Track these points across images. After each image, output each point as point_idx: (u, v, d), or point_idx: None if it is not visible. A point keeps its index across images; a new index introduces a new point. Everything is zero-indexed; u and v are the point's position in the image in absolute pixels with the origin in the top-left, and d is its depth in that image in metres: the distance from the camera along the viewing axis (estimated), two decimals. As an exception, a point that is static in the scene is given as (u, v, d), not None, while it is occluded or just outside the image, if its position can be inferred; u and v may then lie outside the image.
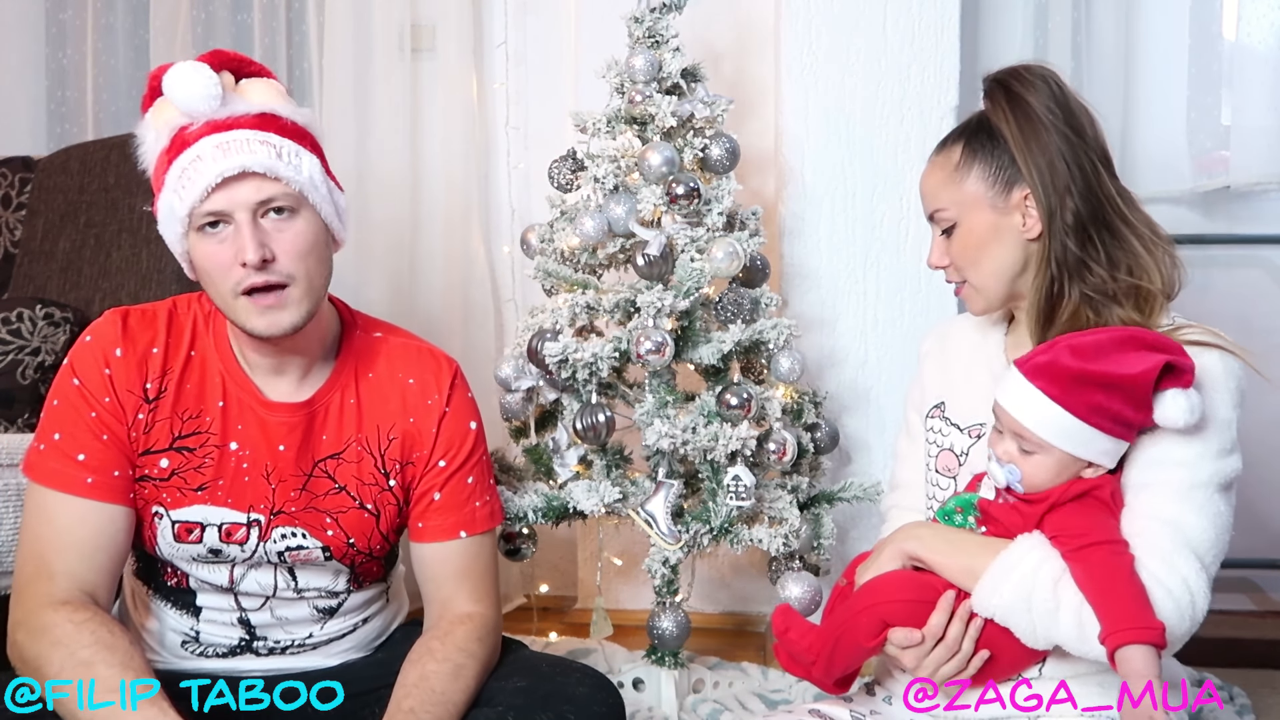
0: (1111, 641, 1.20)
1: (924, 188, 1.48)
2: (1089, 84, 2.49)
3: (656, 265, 1.88)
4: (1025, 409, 1.28)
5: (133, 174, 2.31)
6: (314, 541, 1.43)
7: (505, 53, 2.65)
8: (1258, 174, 2.42)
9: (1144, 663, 1.18)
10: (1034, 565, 1.26)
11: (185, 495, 1.38)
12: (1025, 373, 1.28)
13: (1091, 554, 1.24)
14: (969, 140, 1.44)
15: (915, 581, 1.33)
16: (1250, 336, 2.52)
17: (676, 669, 1.99)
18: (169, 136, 1.32)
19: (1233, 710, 1.93)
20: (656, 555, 1.90)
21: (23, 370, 2.14)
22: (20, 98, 2.89)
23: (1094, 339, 1.28)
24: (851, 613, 1.33)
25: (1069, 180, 1.37)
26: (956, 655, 1.30)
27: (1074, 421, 1.25)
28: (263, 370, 1.41)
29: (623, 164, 1.95)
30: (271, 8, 2.75)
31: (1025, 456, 1.29)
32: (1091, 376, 1.24)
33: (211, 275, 1.32)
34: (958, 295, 1.48)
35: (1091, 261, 1.37)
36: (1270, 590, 2.55)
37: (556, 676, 1.45)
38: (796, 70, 2.31)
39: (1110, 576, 1.22)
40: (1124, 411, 1.25)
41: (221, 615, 1.45)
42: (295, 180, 1.32)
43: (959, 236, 1.42)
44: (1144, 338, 1.27)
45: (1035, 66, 1.44)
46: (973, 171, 1.41)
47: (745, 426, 1.86)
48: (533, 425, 2.04)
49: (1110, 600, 1.21)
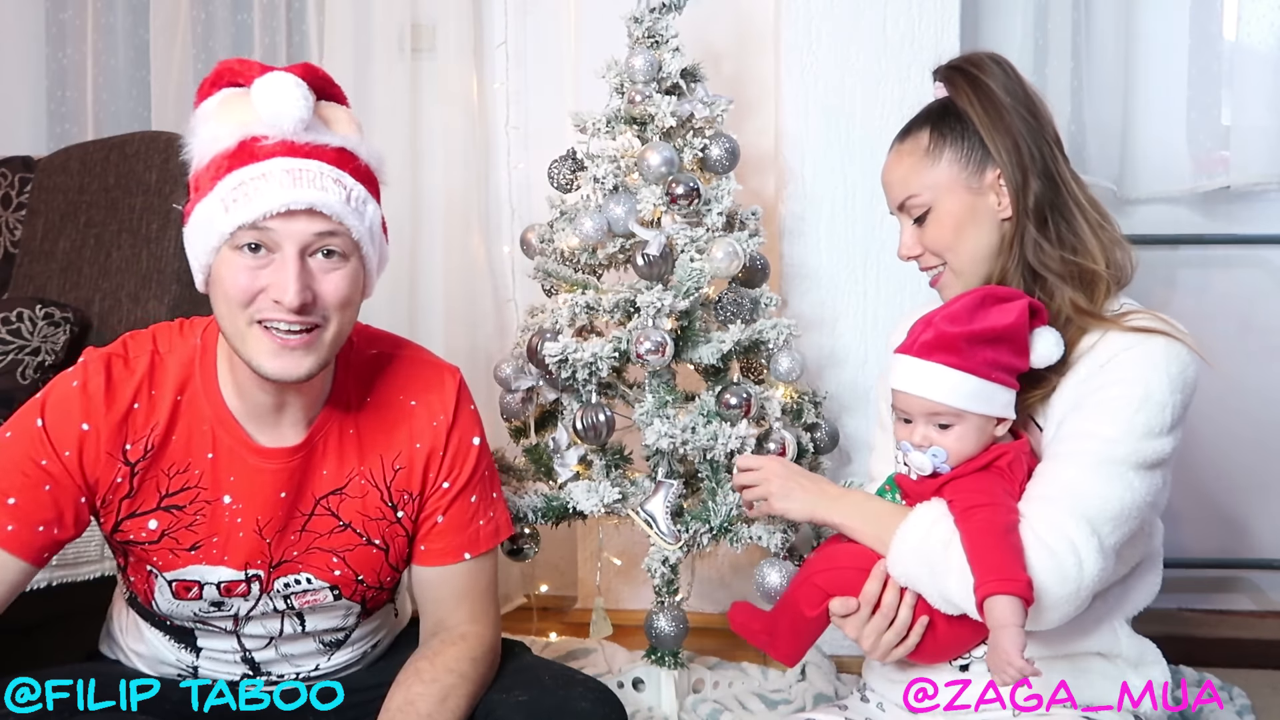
0: (980, 593, 1.22)
1: (891, 177, 1.49)
2: (1089, 84, 2.49)
3: (656, 265, 1.88)
4: (933, 386, 1.32)
5: (132, 174, 2.32)
6: (321, 583, 1.38)
7: (505, 53, 2.65)
8: (1258, 174, 2.42)
9: (1007, 612, 1.20)
10: (926, 529, 1.30)
11: (178, 556, 1.31)
12: (918, 354, 1.33)
13: (974, 514, 1.27)
14: (935, 125, 1.45)
15: (855, 551, 1.37)
16: (1250, 336, 2.55)
17: (676, 669, 1.99)
18: (237, 138, 1.20)
19: (1233, 710, 1.93)
20: (656, 555, 1.90)
21: (23, 370, 2.14)
22: (20, 98, 2.89)
23: (959, 305, 1.34)
24: (795, 584, 1.38)
25: (1030, 161, 1.41)
26: (895, 623, 1.32)
27: (978, 382, 1.30)
28: (259, 412, 1.31)
29: (622, 164, 1.95)
30: (271, 8, 2.75)
31: (944, 433, 1.33)
32: (978, 335, 1.30)
33: (232, 297, 1.20)
34: (934, 285, 1.49)
35: (1045, 242, 1.40)
36: (1270, 590, 2.55)
37: (559, 690, 1.40)
38: (796, 70, 2.31)
39: (986, 533, 1.25)
40: (1012, 360, 1.32)
41: (224, 655, 1.41)
42: (357, 229, 1.23)
43: (934, 221, 1.44)
44: (996, 293, 1.35)
45: (988, 53, 1.48)
46: (944, 155, 1.43)
47: (745, 426, 1.86)
48: (533, 425, 2.04)
49: (982, 556, 1.24)
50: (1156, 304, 2.72)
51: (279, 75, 1.20)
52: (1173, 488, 1.40)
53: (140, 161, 2.31)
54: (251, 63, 1.24)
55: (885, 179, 1.51)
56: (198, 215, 1.22)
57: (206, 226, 1.20)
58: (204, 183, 1.21)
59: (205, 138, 1.22)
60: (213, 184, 1.20)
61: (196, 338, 1.33)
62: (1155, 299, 2.60)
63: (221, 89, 1.25)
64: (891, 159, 1.49)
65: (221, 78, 1.25)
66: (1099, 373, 1.33)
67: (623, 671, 2.00)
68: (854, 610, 1.32)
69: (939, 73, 1.50)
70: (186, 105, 2.75)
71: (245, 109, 1.21)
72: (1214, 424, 2.47)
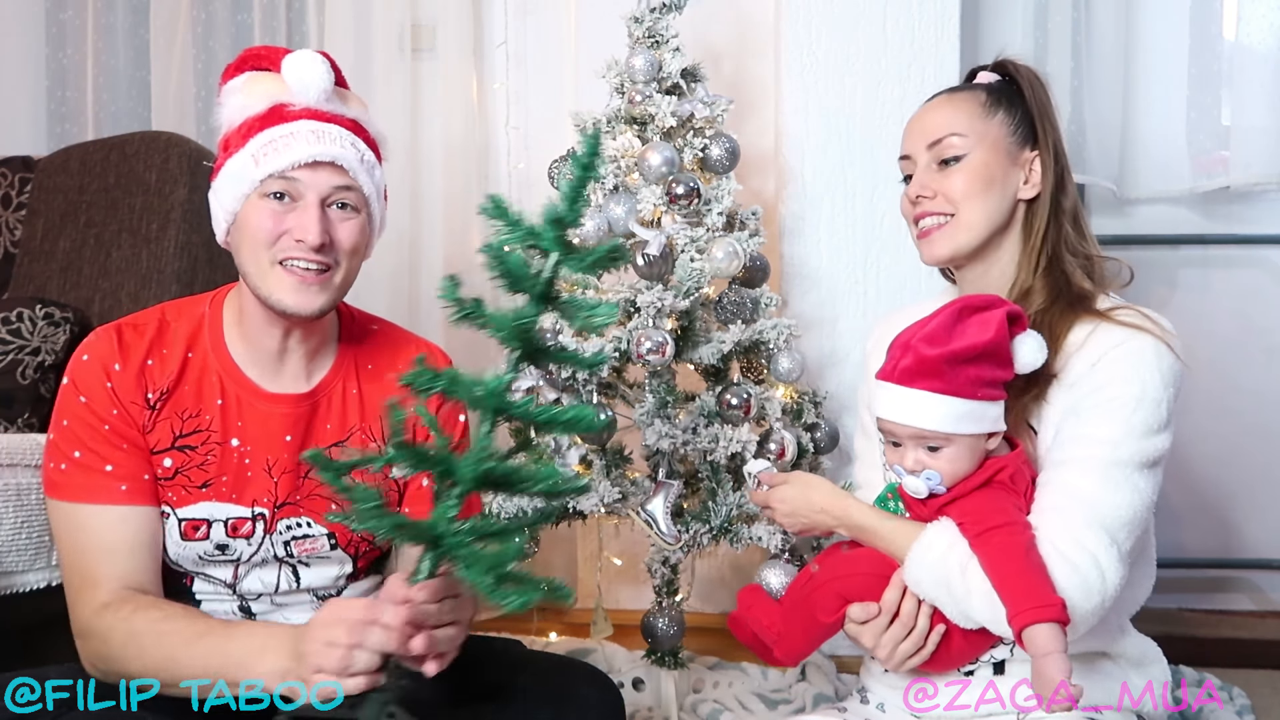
0: (1016, 624, 1.21)
1: (935, 116, 1.46)
2: (1089, 84, 2.49)
3: (656, 265, 1.88)
4: (919, 413, 1.29)
5: (132, 174, 2.32)
6: (320, 529, 1.45)
7: (505, 53, 2.65)
8: (1257, 174, 2.42)
9: (1049, 640, 1.19)
10: (942, 552, 1.28)
11: (190, 493, 1.41)
12: (900, 380, 1.30)
13: (991, 538, 1.26)
14: (991, 89, 1.47)
15: (874, 557, 1.35)
16: (1250, 336, 2.55)
17: (676, 669, 1.99)
18: (266, 105, 1.37)
19: (1233, 710, 1.93)
20: (656, 555, 1.90)
21: (22, 370, 2.14)
22: (20, 98, 2.89)
23: (935, 324, 1.30)
24: (812, 588, 1.36)
25: (1067, 164, 1.45)
26: (913, 632, 1.31)
27: (964, 403, 1.28)
28: (263, 361, 1.44)
29: (623, 164, 1.95)
30: (271, 8, 2.75)
31: (935, 455, 1.30)
32: (959, 355, 1.27)
33: (258, 239, 1.36)
34: (925, 236, 1.46)
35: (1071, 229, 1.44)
36: (1270, 590, 2.55)
37: (558, 675, 1.46)
38: (796, 70, 2.31)
39: (1008, 558, 1.24)
40: (997, 373, 1.29)
41: (221, 607, 1.46)
42: (368, 187, 1.41)
43: (966, 169, 1.42)
44: (973, 303, 1.32)
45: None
46: (999, 115, 1.45)
47: (745, 427, 1.86)
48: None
49: (1010, 582, 1.23)
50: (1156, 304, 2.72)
51: (306, 51, 1.39)
52: (1172, 488, 1.40)
53: (140, 161, 2.31)
54: (278, 48, 1.43)
55: (921, 119, 1.48)
56: (228, 169, 1.38)
57: (237, 177, 1.37)
58: (234, 142, 1.38)
59: (234, 106, 1.39)
60: (244, 141, 1.37)
61: (204, 305, 1.47)
62: (1155, 299, 2.60)
63: (245, 72, 1.42)
64: (938, 102, 1.48)
65: (246, 62, 1.42)
66: (1090, 373, 1.32)
67: (623, 671, 2.00)
68: (873, 616, 1.31)
69: (996, 64, 1.51)
70: (187, 105, 2.77)
71: (272, 83, 1.39)
72: (1214, 424, 2.47)
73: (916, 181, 1.45)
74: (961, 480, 1.31)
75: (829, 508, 1.41)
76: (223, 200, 1.40)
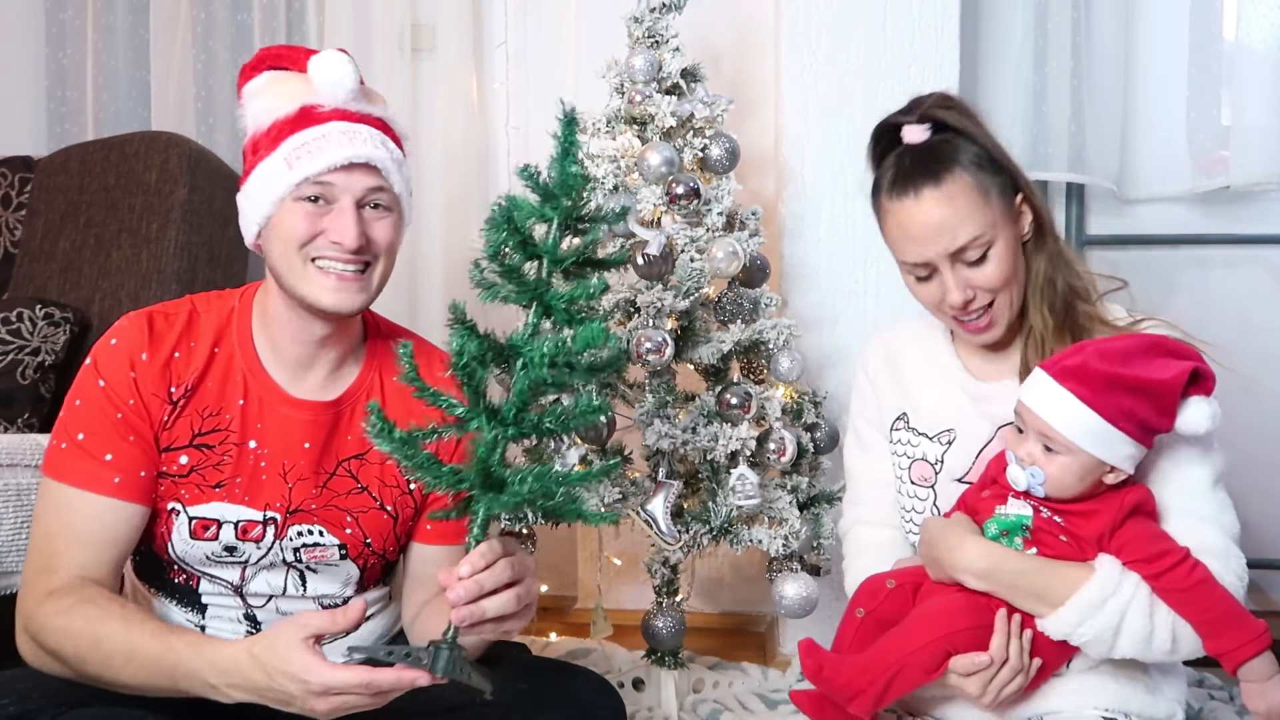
0: (1232, 661, 1.27)
1: (940, 223, 1.37)
2: (1089, 84, 2.49)
3: (656, 265, 1.88)
4: (1054, 411, 1.28)
5: (132, 174, 2.32)
6: (332, 539, 1.44)
7: (505, 53, 2.65)
8: (1258, 174, 2.42)
9: (1268, 666, 1.26)
10: (1126, 598, 1.28)
11: (204, 492, 1.40)
12: (1054, 375, 1.29)
13: (1172, 577, 1.28)
14: (963, 162, 1.39)
15: (970, 606, 1.33)
16: (1250, 336, 2.55)
17: (676, 669, 1.99)
18: (295, 106, 1.36)
19: (1232, 710, 1.93)
20: (656, 555, 1.90)
21: (22, 370, 2.14)
22: (20, 98, 2.89)
23: (1122, 344, 1.29)
24: (911, 648, 1.31)
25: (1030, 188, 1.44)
26: (1020, 674, 1.31)
27: (1103, 424, 1.26)
28: (290, 365, 1.43)
29: (623, 164, 1.95)
30: (271, 8, 2.75)
31: (1050, 458, 1.30)
32: (1122, 380, 1.25)
33: (292, 241, 1.35)
34: (980, 329, 1.42)
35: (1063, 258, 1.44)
36: (1270, 590, 2.55)
37: (559, 680, 1.45)
38: (796, 70, 2.31)
39: (1201, 595, 1.28)
40: (1150, 417, 1.27)
41: (227, 612, 1.45)
42: (399, 185, 1.42)
43: (997, 258, 1.38)
44: (1167, 344, 1.29)
45: (933, 94, 1.48)
46: (993, 189, 1.39)
47: (745, 426, 1.86)
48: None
49: (1212, 620, 1.27)
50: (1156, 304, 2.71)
51: (333, 52, 1.38)
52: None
53: (140, 161, 2.32)
54: (297, 47, 1.43)
55: (924, 227, 1.38)
56: (259, 174, 1.37)
57: (270, 181, 1.35)
58: (264, 145, 1.37)
59: (260, 109, 1.38)
60: (274, 145, 1.36)
61: (234, 299, 1.46)
62: (1155, 299, 2.60)
63: (263, 72, 1.41)
64: (931, 204, 1.37)
65: (264, 62, 1.42)
66: None
67: (623, 671, 2.00)
68: (983, 667, 1.30)
69: (923, 113, 1.43)
70: (187, 105, 2.77)
71: (297, 84, 1.38)
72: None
73: (956, 288, 1.39)
74: (1101, 500, 1.31)
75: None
76: (255, 203, 1.38)
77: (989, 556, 1.32)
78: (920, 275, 1.42)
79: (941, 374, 1.51)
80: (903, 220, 1.40)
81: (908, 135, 1.43)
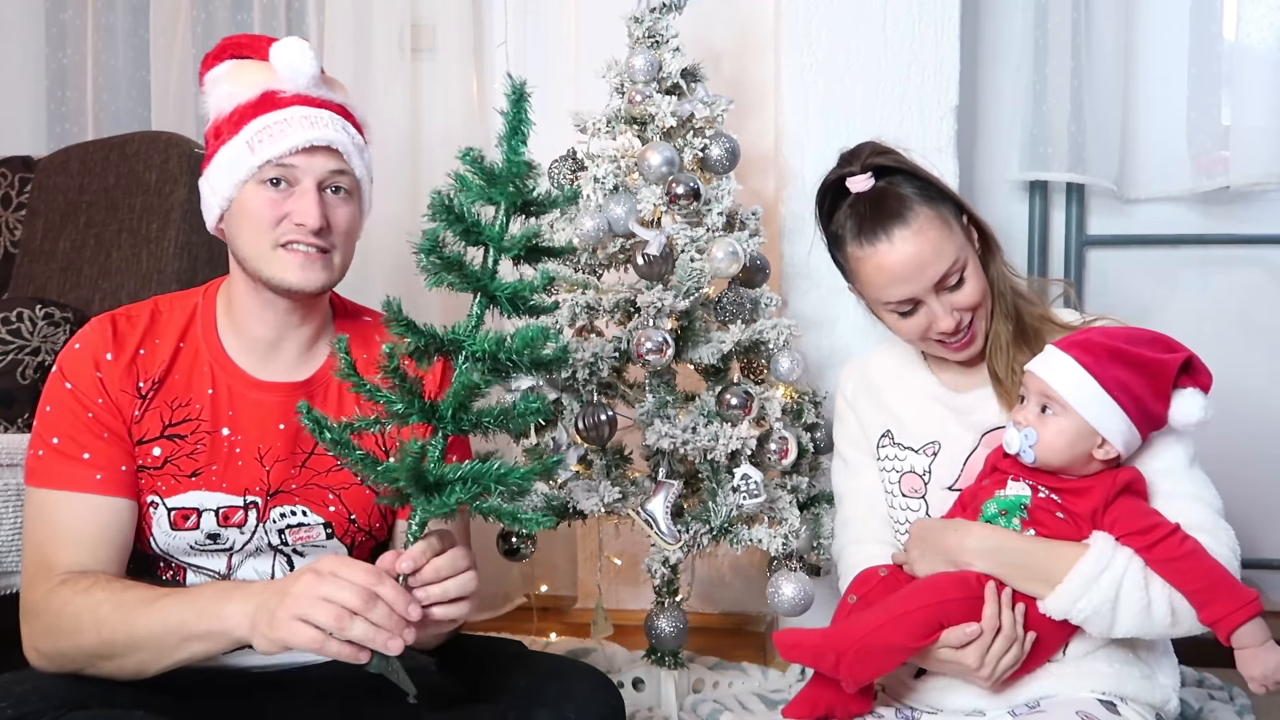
0: (1225, 627, 1.30)
1: (921, 258, 1.44)
2: (1089, 84, 2.49)
3: (656, 265, 1.88)
4: (1055, 372, 1.37)
5: (132, 174, 2.32)
6: (316, 518, 1.45)
7: (505, 53, 2.65)
8: (1258, 174, 2.42)
9: (1259, 631, 1.31)
10: (1120, 570, 1.32)
11: (180, 482, 1.40)
12: (1062, 347, 1.39)
13: (1164, 548, 1.32)
14: (919, 200, 1.47)
15: (960, 580, 1.36)
16: (1250, 336, 2.55)
17: (676, 669, 1.99)
18: (258, 92, 1.39)
19: (1232, 710, 1.93)
20: (656, 555, 1.90)
21: (23, 370, 2.14)
22: (20, 98, 2.89)
23: (1128, 331, 1.40)
24: (898, 612, 1.34)
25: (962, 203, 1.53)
26: (1015, 644, 1.34)
27: (1098, 389, 1.34)
28: (256, 350, 1.45)
29: (623, 164, 1.95)
30: (271, 8, 2.75)
31: (1045, 421, 1.37)
32: (1121, 354, 1.35)
33: (258, 223, 1.38)
34: (965, 346, 1.50)
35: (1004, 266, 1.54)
36: (1270, 590, 2.55)
37: (558, 675, 1.45)
38: (796, 70, 2.31)
39: (1192, 565, 1.31)
40: (1144, 394, 1.35)
41: None
42: (359, 171, 1.45)
43: (972, 276, 1.48)
44: (1167, 340, 1.39)
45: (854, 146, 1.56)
46: (950, 218, 1.48)
47: (745, 426, 1.86)
48: (533, 425, 2.04)
49: (1204, 589, 1.30)
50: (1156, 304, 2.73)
51: (294, 39, 1.42)
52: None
53: (140, 161, 2.31)
54: (259, 36, 1.46)
55: (911, 264, 1.44)
56: (221, 157, 1.39)
57: (232, 164, 1.38)
58: (226, 129, 1.39)
59: (222, 94, 1.41)
60: (237, 129, 1.38)
61: (198, 296, 1.49)
62: (1155, 299, 2.61)
63: (226, 60, 1.44)
64: (905, 242, 1.44)
65: (226, 50, 1.45)
66: None
67: (623, 671, 2.00)
68: (975, 637, 1.33)
69: (864, 163, 1.51)
70: (187, 105, 2.77)
71: (259, 71, 1.41)
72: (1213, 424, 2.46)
73: (944, 315, 1.47)
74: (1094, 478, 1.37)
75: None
76: (216, 187, 1.41)
77: (993, 537, 1.38)
78: (904, 311, 1.49)
79: (920, 391, 1.58)
80: (882, 264, 1.46)
81: (854, 185, 1.50)
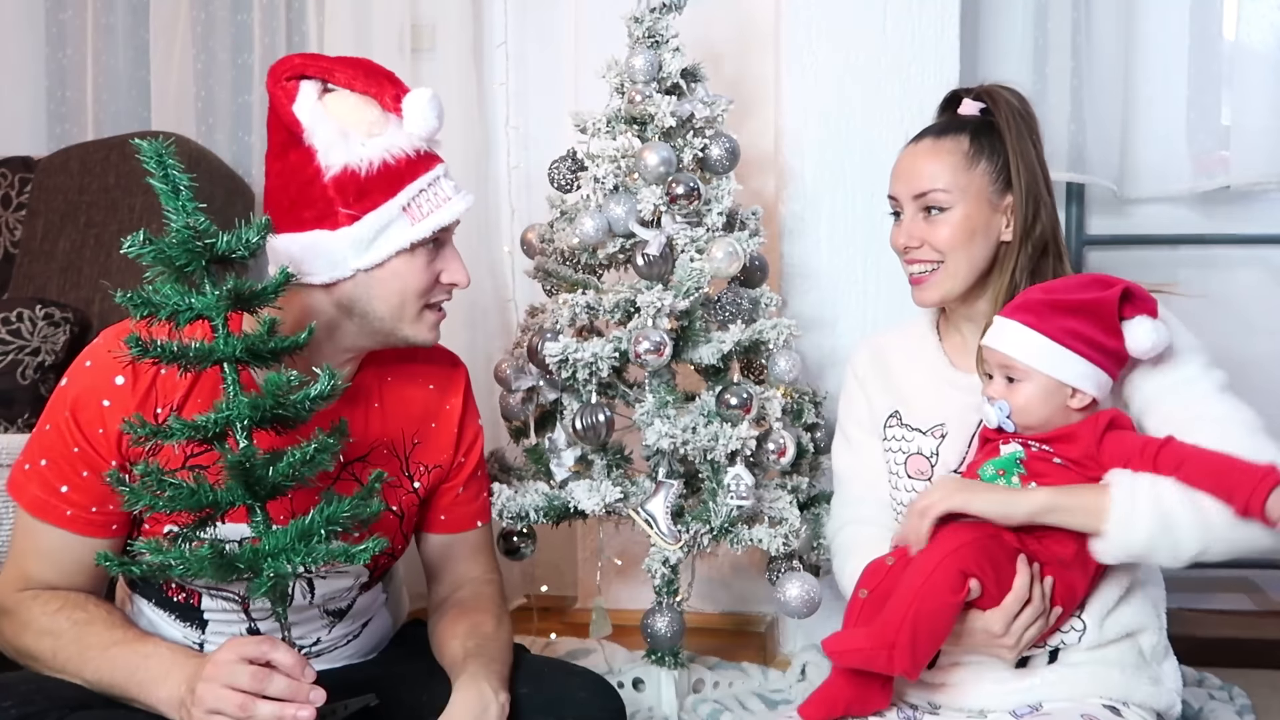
0: (1258, 501, 1.27)
1: (918, 167, 1.52)
2: (1089, 84, 2.49)
3: (656, 265, 1.88)
4: (1007, 340, 1.39)
5: (132, 174, 2.32)
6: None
7: (505, 53, 2.65)
8: (1258, 174, 2.42)
9: None
10: (1148, 488, 1.31)
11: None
12: (1004, 314, 1.41)
13: (1167, 455, 1.32)
14: (975, 135, 1.52)
15: (967, 524, 1.36)
16: (1251, 336, 2.54)
17: (676, 669, 1.99)
18: (404, 150, 1.34)
19: (1232, 710, 1.93)
20: (656, 555, 1.90)
21: (23, 370, 2.14)
22: (20, 98, 2.89)
23: (1060, 281, 1.45)
24: (922, 576, 1.31)
25: (1042, 199, 1.51)
26: (1041, 616, 1.34)
27: (1050, 344, 1.36)
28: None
29: (622, 164, 1.95)
30: (271, 8, 2.75)
31: (1013, 389, 1.39)
32: (1061, 304, 1.37)
33: (411, 288, 1.36)
34: (918, 283, 1.54)
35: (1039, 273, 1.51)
36: (1270, 590, 2.54)
37: (558, 681, 1.45)
38: (796, 70, 2.31)
39: (1196, 465, 1.31)
40: (1095, 334, 1.36)
41: (229, 627, 1.43)
42: None
43: (949, 221, 1.50)
44: (1101, 278, 1.41)
45: (1011, 87, 1.56)
46: (981, 164, 1.50)
47: (745, 426, 1.86)
48: (533, 425, 2.04)
49: (1220, 475, 1.29)
50: (1156, 304, 2.70)
51: (425, 92, 1.35)
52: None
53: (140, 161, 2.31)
54: (336, 60, 1.36)
55: (908, 167, 1.54)
56: (374, 221, 1.32)
57: (388, 232, 1.33)
58: (376, 189, 1.32)
59: (355, 143, 1.32)
60: (393, 192, 1.33)
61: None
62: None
63: (302, 81, 1.34)
64: (923, 150, 1.53)
65: (304, 67, 1.35)
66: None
67: (623, 671, 2.00)
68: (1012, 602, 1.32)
69: (981, 91, 1.55)
70: (186, 105, 2.76)
71: (374, 112, 1.34)
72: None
73: (905, 231, 1.53)
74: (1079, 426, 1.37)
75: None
76: (362, 248, 1.33)
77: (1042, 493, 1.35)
78: (892, 210, 1.57)
79: (929, 369, 1.59)
80: (900, 158, 1.57)
81: (963, 107, 1.55)
